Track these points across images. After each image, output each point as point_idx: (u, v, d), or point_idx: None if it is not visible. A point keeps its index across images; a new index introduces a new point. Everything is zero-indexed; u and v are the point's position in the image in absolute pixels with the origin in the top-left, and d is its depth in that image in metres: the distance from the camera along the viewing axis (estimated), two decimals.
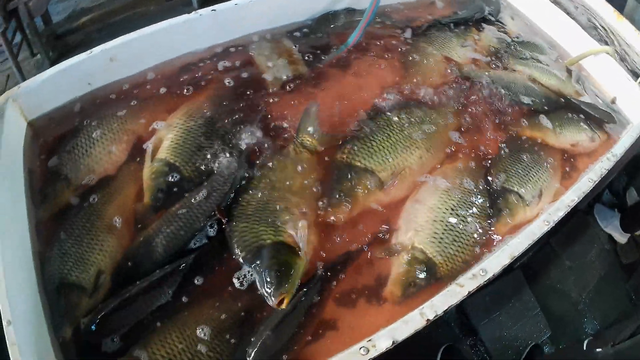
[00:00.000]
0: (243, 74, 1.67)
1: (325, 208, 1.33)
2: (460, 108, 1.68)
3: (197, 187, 1.34)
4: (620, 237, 2.29)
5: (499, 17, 2.20)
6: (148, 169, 1.38)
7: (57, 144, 1.45)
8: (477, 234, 1.36)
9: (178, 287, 1.18)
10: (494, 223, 1.40)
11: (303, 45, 1.81)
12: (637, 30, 1.87)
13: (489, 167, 1.54)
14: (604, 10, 1.96)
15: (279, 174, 1.36)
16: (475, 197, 1.43)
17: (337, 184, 1.37)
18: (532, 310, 1.99)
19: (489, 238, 1.37)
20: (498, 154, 1.58)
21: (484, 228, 1.38)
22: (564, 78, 1.91)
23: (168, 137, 1.43)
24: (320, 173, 1.42)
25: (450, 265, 1.28)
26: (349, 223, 1.34)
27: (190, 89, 1.62)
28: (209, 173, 1.37)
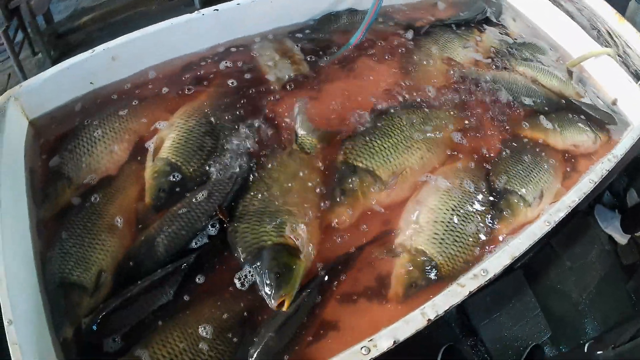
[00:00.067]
0: (245, 74, 1.68)
1: (327, 208, 1.33)
2: (462, 109, 1.68)
3: (198, 186, 1.35)
4: (621, 238, 2.30)
5: (501, 18, 2.20)
6: (150, 169, 1.38)
7: (58, 143, 1.45)
8: (478, 235, 1.36)
9: (179, 286, 1.18)
10: (495, 223, 1.40)
11: (305, 46, 1.81)
12: (638, 32, 1.88)
13: (490, 167, 1.54)
14: (606, 12, 1.96)
15: (281, 174, 1.36)
16: (477, 197, 1.43)
17: (338, 185, 1.37)
18: (532, 311, 2.00)
19: (490, 238, 1.37)
20: (499, 155, 1.58)
21: (485, 228, 1.38)
22: (565, 79, 1.91)
23: (170, 136, 1.43)
24: (322, 173, 1.42)
25: (452, 266, 1.29)
26: (351, 224, 1.34)
27: (192, 89, 1.62)
28: (211, 173, 1.37)
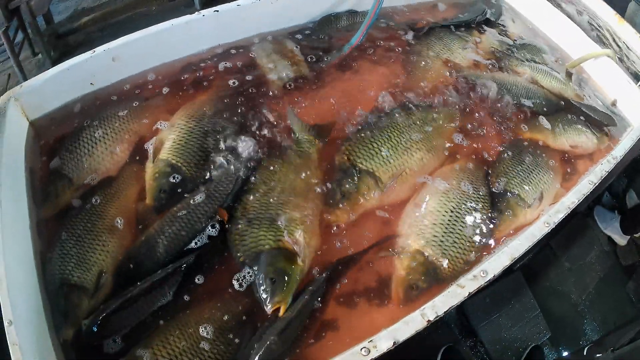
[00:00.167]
0: (245, 75, 1.68)
1: (327, 210, 1.34)
2: (461, 110, 1.68)
3: (199, 187, 1.35)
4: (620, 239, 2.30)
5: (501, 19, 2.21)
6: (150, 170, 1.38)
7: (58, 144, 1.45)
8: (477, 236, 1.36)
9: (179, 286, 1.18)
10: (495, 224, 1.41)
11: (305, 47, 1.81)
12: (637, 34, 1.88)
13: (490, 169, 1.55)
14: (605, 13, 1.97)
15: (281, 176, 1.36)
16: (476, 199, 1.43)
17: (338, 186, 1.37)
18: (532, 312, 2.00)
19: (490, 239, 1.38)
20: (499, 156, 1.59)
21: (485, 230, 1.38)
22: (565, 80, 1.91)
23: (170, 137, 1.43)
24: (322, 175, 1.42)
25: (452, 267, 1.29)
26: (351, 225, 1.35)
27: (192, 90, 1.62)
28: (211, 174, 1.37)
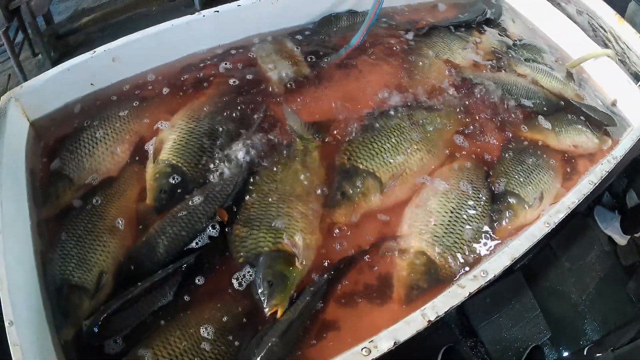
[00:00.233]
0: (246, 75, 1.68)
1: (328, 211, 1.34)
2: (462, 110, 1.68)
3: (199, 188, 1.35)
4: (620, 239, 2.30)
5: (501, 19, 2.21)
6: (151, 170, 1.38)
7: (59, 144, 1.45)
8: (478, 236, 1.36)
9: (180, 287, 1.18)
10: (495, 225, 1.41)
11: (305, 47, 1.81)
12: (637, 34, 1.88)
13: (490, 169, 1.55)
14: (605, 13, 1.97)
15: (282, 176, 1.36)
16: (477, 199, 1.43)
17: (338, 187, 1.37)
18: (532, 312, 2.00)
19: (490, 240, 1.38)
20: (499, 156, 1.59)
21: (485, 230, 1.39)
22: (565, 80, 1.91)
23: (170, 138, 1.43)
24: (322, 175, 1.42)
25: (452, 267, 1.29)
26: (351, 226, 1.35)
27: (193, 90, 1.62)
28: (212, 174, 1.37)
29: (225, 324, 1.13)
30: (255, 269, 1.19)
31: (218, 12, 1.70)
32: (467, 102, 1.71)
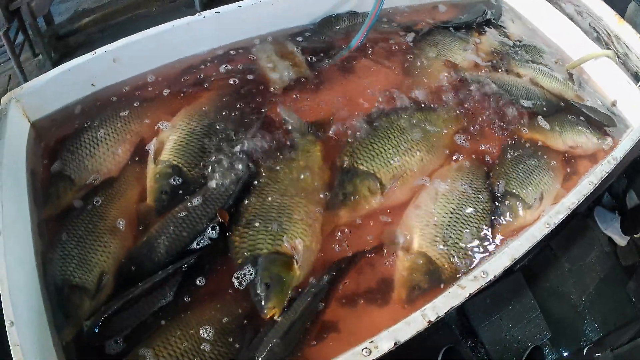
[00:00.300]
0: (246, 76, 1.68)
1: (328, 212, 1.34)
2: (462, 111, 1.68)
3: (200, 189, 1.35)
4: (620, 239, 2.30)
5: (501, 20, 2.21)
6: (151, 171, 1.39)
7: (60, 145, 1.45)
8: (478, 237, 1.36)
9: (180, 287, 1.18)
10: (496, 225, 1.41)
11: (306, 48, 1.82)
12: (637, 34, 1.88)
13: (491, 169, 1.55)
14: (605, 14, 1.97)
15: (283, 177, 1.36)
16: (477, 200, 1.43)
17: (339, 188, 1.37)
18: (532, 313, 2.00)
19: (490, 240, 1.38)
20: (499, 157, 1.59)
21: (485, 230, 1.39)
22: (565, 81, 1.92)
23: (171, 138, 1.43)
24: (323, 176, 1.42)
25: (453, 268, 1.29)
26: (352, 226, 1.35)
27: (193, 91, 1.62)
28: (212, 175, 1.37)
29: (226, 325, 1.13)
30: (253, 271, 1.19)
31: (218, 13, 1.71)
32: (467, 103, 1.71)
